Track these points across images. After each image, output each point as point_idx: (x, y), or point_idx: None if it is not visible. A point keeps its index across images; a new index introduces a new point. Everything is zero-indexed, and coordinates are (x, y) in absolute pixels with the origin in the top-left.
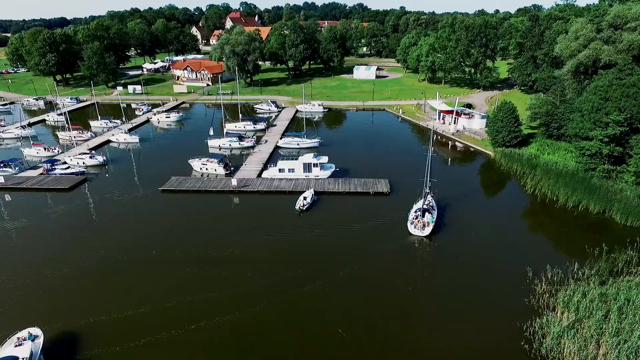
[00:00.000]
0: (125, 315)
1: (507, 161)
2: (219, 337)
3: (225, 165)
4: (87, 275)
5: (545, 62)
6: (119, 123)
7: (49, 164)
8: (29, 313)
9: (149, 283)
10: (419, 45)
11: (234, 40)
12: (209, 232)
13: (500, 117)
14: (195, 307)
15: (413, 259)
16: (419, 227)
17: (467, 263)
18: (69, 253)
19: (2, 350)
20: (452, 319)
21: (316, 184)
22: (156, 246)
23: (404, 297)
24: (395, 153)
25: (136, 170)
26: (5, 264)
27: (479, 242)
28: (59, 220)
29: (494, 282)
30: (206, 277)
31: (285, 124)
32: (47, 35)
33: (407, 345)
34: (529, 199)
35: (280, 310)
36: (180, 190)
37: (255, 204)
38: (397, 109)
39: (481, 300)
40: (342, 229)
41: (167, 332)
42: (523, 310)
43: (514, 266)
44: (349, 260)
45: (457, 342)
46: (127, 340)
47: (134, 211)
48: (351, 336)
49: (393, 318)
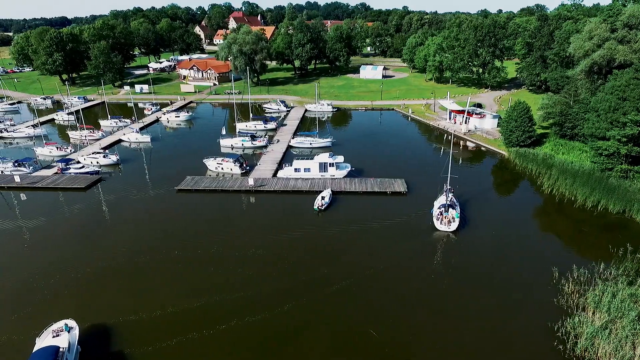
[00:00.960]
0: (154, 315)
1: (521, 161)
2: (250, 337)
3: (240, 165)
4: (111, 275)
5: (555, 62)
6: (128, 122)
7: (63, 163)
8: (57, 310)
9: (174, 283)
10: (426, 45)
11: (241, 39)
12: (229, 232)
13: (514, 117)
14: (224, 307)
15: (440, 257)
16: (445, 223)
17: (493, 261)
18: (90, 252)
19: (40, 341)
20: (482, 317)
21: (333, 184)
22: (177, 246)
23: (432, 296)
24: (408, 153)
25: (150, 169)
26: (29, 262)
27: (501, 240)
28: (78, 219)
29: (521, 281)
30: (231, 276)
31: (296, 124)
32: (54, 35)
33: (438, 345)
34: (547, 199)
35: (310, 310)
36: (197, 190)
37: (272, 203)
38: (403, 107)
39: (510, 299)
40: (364, 229)
41: (198, 332)
42: (553, 310)
43: (539, 266)
44: (373, 259)
45: (489, 341)
46: (159, 340)
47: (152, 211)
48: (383, 336)
49: (423, 317)
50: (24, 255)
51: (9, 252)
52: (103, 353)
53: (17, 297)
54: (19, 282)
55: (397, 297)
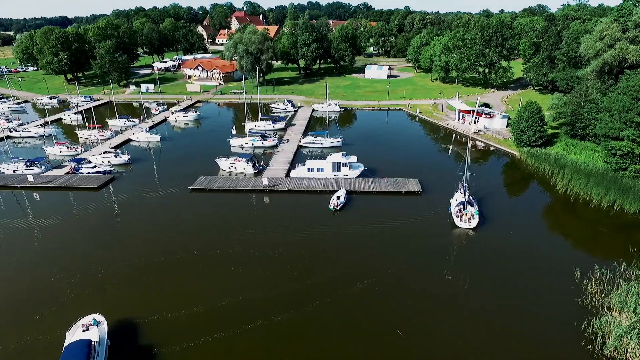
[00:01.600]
0: (179, 314)
1: (534, 161)
2: (277, 337)
3: (254, 165)
4: (133, 274)
5: (562, 62)
6: (136, 122)
7: (75, 163)
8: (82, 309)
9: (197, 282)
10: (432, 45)
11: (247, 39)
12: (247, 232)
13: (525, 117)
14: (249, 307)
15: (461, 255)
16: (465, 220)
17: (514, 260)
18: (110, 251)
19: (70, 335)
20: (507, 317)
21: (346, 184)
22: (196, 245)
23: (455, 295)
24: (418, 153)
25: (161, 169)
26: (49, 262)
27: (520, 239)
28: (93, 218)
29: (543, 281)
30: (252, 276)
31: (304, 123)
32: (59, 34)
33: (465, 345)
34: (562, 199)
35: (334, 310)
36: (210, 190)
37: (287, 203)
38: (409, 107)
39: (533, 299)
40: (382, 228)
41: (225, 332)
42: (577, 310)
43: (559, 265)
44: (394, 259)
45: (516, 341)
46: (186, 340)
47: (167, 210)
48: (410, 336)
49: (447, 316)
50: (43, 254)
51: (28, 251)
52: (130, 349)
53: (41, 296)
54: (41, 281)
55: (421, 296)
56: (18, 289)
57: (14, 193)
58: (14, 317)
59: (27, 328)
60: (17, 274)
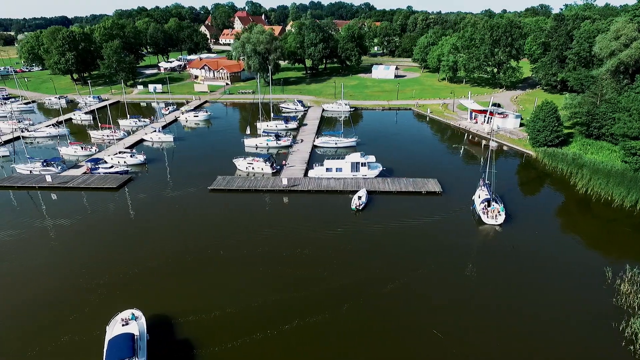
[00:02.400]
0: (214, 315)
1: (551, 161)
2: (314, 338)
3: (271, 165)
4: (161, 274)
5: (574, 61)
6: (147, 122)
7: (91, 163)
8: (114, 309)
9: (227, 282)
10: (439, 45)
11: (255, 39)
12: (271, 232)
13: (541, 116)
14: (282, 307)
15: (491, 252)
16: (492, 216)
17: (543, 259)
18: (136, 252)
19: (110, 329)
20: (544, 316)
21: (365, 184)
22: (221, 245)
23: (490, 294)
24: (433, 153)
25: (176, 169)
26: (76, 262)
27: (546, 238)
28: (115, 219)
29: (575, 281)
30: (282, 276)
31: (316, 123)
32: (66, 34)
33: (505, 346)
34: (583, 199)
35: (368, 310)
36: (230, 190)
37: (308, 203)
38: (418, 106)
39: (569, 299)
40: (406, 228)
41: (262, 332)
42: (612, 310)
43: (590, 265)
44: (423, 258)
45: (555, 342)
46: (224, 341)
47: (188, 210)
48: (447, 337)
49: (484, 318)
50: (69, 255)
51: (54, 251)
52: (168, 344)
53: (72, 297)
54: (70, 282)
55: (454, 295)
56: (48, 290)
57: (31, 194)
58: (47, 318)
59: (63, 329)
60: (46, 275)
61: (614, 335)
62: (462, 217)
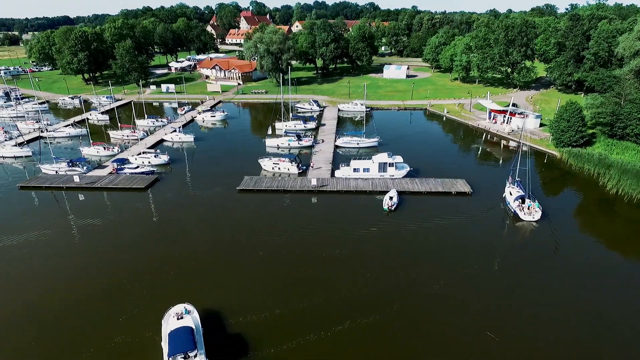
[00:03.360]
0: (264, 316)
1: (576, 161)
2: (367, 339)
3: (298, 165)
4: (201, 274)
5: (591, 61)
6: (165, 122)
7: (117, 163)
8: (161, 309)
9: (271, 283)
10: (452, 45)
11: (267, 39)
12: (307, 232)
13: (565, 116)
14: (332, 309)
15: (535, 250)
16: (529, 213)
17: (586, 256)
18: (173, 252)
19: (166, 323)
20: (605, 317)
21: (394, 184)
22: (259, 246)
23: (543, 293)
24: (455, 152)
25: (200, 169)
26: (115, 262)
27: (584, 238)
28: (147, 218)
29: (624, 280)
30: (325, 277)
31: (334, 123)
32: (79, 34)
33: (565, 347)
34: (614, 199)
35: (418, 311)
36: (259, 190)
37: (338, 203)
38: (430, 106)
39: (628, 303)
40: (441, 228)
41: (315, 334)
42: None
43: (634, 264)
44: (465, 258)
45: (616, 341)
46: (280, 342)
47: (219, 210)
48: (503, 339)
49: (541, 320)
50: (108, 255)
51: (92, 252)
52: (220, 341)
53: (118, 297)
54: (114, 283)
55: (503, 295)
56: (93, 290)
57: (59, 194)
58: (97, 318)
59: (115, 329)
60: (90, 275)
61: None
62: (496, 215)
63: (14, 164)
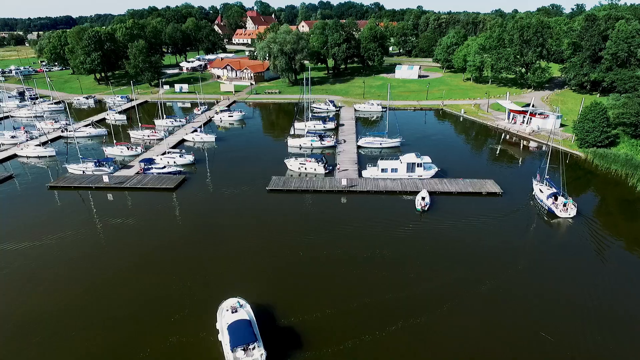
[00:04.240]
0: (315, 316)
1: (602, 162)
2: (421, 339)
3: (324, 165)
4: (247, 273)
5: (609, 61)
6: (184, 122)
7: (144, 163)
8: (211, 309)
9: (318, 284)
10: (465, 45)
11: (281, 39)
12: (344, 233)
13: (590, 117)
14: (382, 309)
15: (576, 248)
16: (565, 210)
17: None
18: (215, 252)
19: (221, 317)
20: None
21: (424, 184)
22: (300, 246)
23: (594, 291)
24: (478, 153)
25: (224, 169)
26: (159, 263)
27: (627, 236)
28: (183, 218)
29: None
30: (369, 278)
31: (352, 123)
32: (92, 34)
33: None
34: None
35: (469, 312)
36: (288, 190)
37: (369, 204)
38: (443, 106)
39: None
40: (479, 227)
41: (370, 334)
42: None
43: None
44: (509, 257)
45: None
46: (336, 342)
47: (252, 210)
48: (558, 340)
49: (597, 318)
50: (151, 256)
51: (135, 254)
52: (273, 336)
53: (168, 297)
54: (160, 283)
55: (552, 293)
56: (142, 289)
57: (87, 193)
58: (149, 318)
59: (168, 328)
60: (134, 277)
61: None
62: (529, 214)
63: (38, 163)
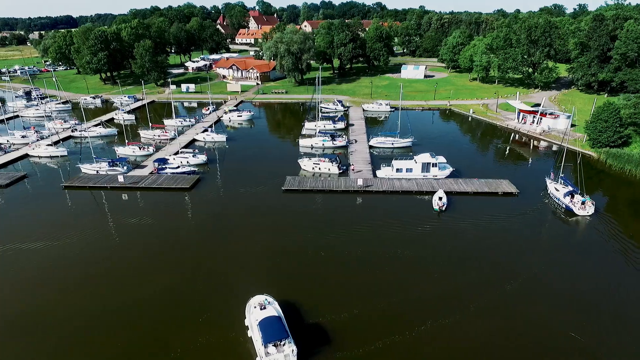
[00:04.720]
0: (343, 316)
1: (616, 162)
2: (451, 340)
3: (338, 165)
4: (270, 274)
5: (618, 61)
6: (194, 122)
7: (158, 163)
8: (235, 310)
9: (342, 283)
10: (472, 45)
11: (288, 39)
12: (363, 232)
13: (603, 117)
14: (409, 309)
15: (597, 246)
16: (583, 208)
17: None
18: (238, 251)
19: (250, 314)
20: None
21: (439, 184)
22: (320, 246)
23: (623, 291)
24: (490, 153)
25: (237, 168)
26: (182, 263)
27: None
28: (201, 218)
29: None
30: (393, 278)
31: (362, 123)
32: (98, 34)
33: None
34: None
35: (495, 312)
36: (304, 190)
37: (385, 204)
38: (449, 106)
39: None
40: (498, 227)
41: (400, 334)
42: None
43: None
44: (532, 256)
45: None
46: (366, 342)
47: (270, 210)
48: (589, 341)
49: (611, 317)
50: (169, 255)
51: (156, 252)
52: (301, 333)
53: (192, 297)
54: (185, 284)
55: (579, 292)
56: (166, 289)
57: (102, 193)
58: (177, 319)
59: (196, 329)
60: (163, 273)
61: None
62: (547, 213)
63: (50, 163)
